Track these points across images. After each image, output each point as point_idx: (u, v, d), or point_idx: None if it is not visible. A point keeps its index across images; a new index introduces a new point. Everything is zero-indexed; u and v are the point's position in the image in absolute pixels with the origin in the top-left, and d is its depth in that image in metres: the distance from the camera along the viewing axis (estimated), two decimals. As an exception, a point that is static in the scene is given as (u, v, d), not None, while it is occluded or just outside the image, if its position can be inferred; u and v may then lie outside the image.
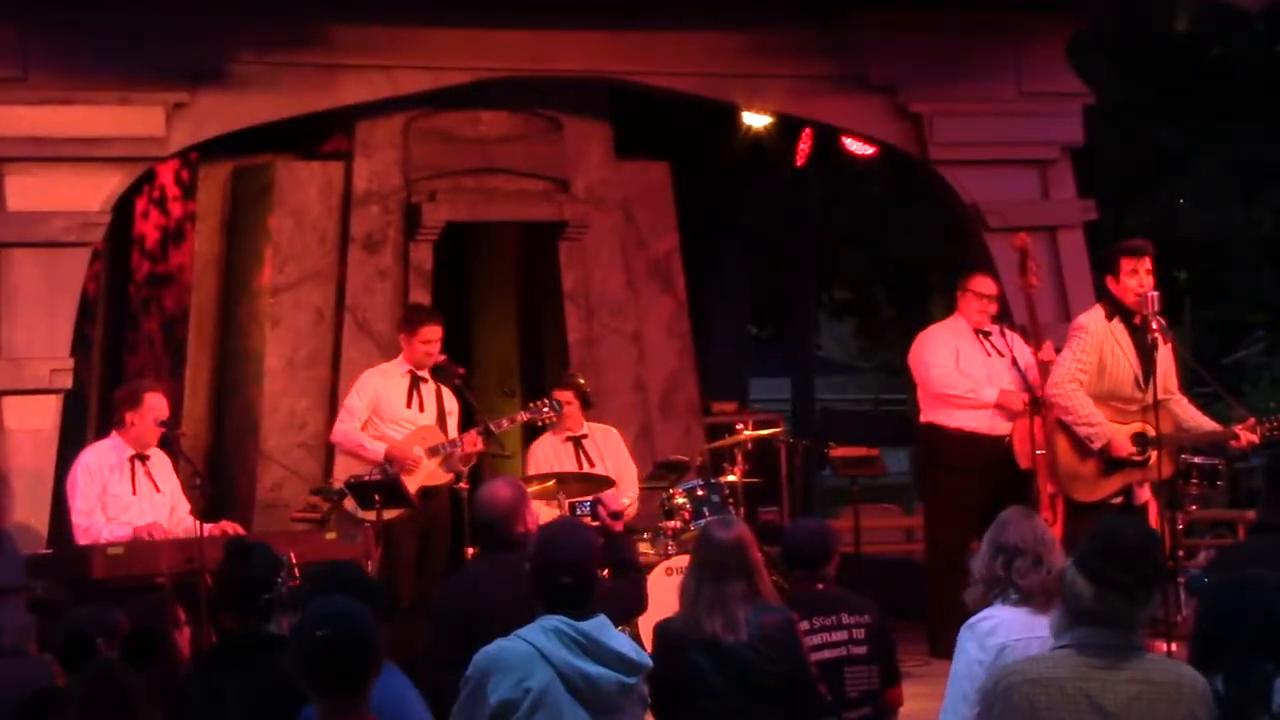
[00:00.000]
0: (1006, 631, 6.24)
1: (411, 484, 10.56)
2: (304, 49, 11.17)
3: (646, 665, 5.91)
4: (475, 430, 10.75)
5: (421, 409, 10.84)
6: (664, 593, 8.42)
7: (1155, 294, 9.80)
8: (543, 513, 10.15)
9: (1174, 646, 8.61)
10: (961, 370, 10.98)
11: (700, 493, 10.99)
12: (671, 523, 10.83)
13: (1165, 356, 9.82)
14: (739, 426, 11.99)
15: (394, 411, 10.79)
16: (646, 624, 6.99)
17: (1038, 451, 9.98)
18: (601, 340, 12.57)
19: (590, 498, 9.75)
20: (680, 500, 10.92)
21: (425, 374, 10.86)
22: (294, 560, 6.86)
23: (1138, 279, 9.82)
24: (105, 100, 10.70)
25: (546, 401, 10.98)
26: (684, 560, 9.14)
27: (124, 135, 10.73)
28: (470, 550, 10.38)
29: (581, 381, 11.37)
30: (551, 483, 10.67)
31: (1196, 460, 10.84)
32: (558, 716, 5.77)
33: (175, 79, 10.83)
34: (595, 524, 7.01)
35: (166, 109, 10.80)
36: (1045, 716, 4.68)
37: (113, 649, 6.69)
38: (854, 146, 13.07)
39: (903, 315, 20.09)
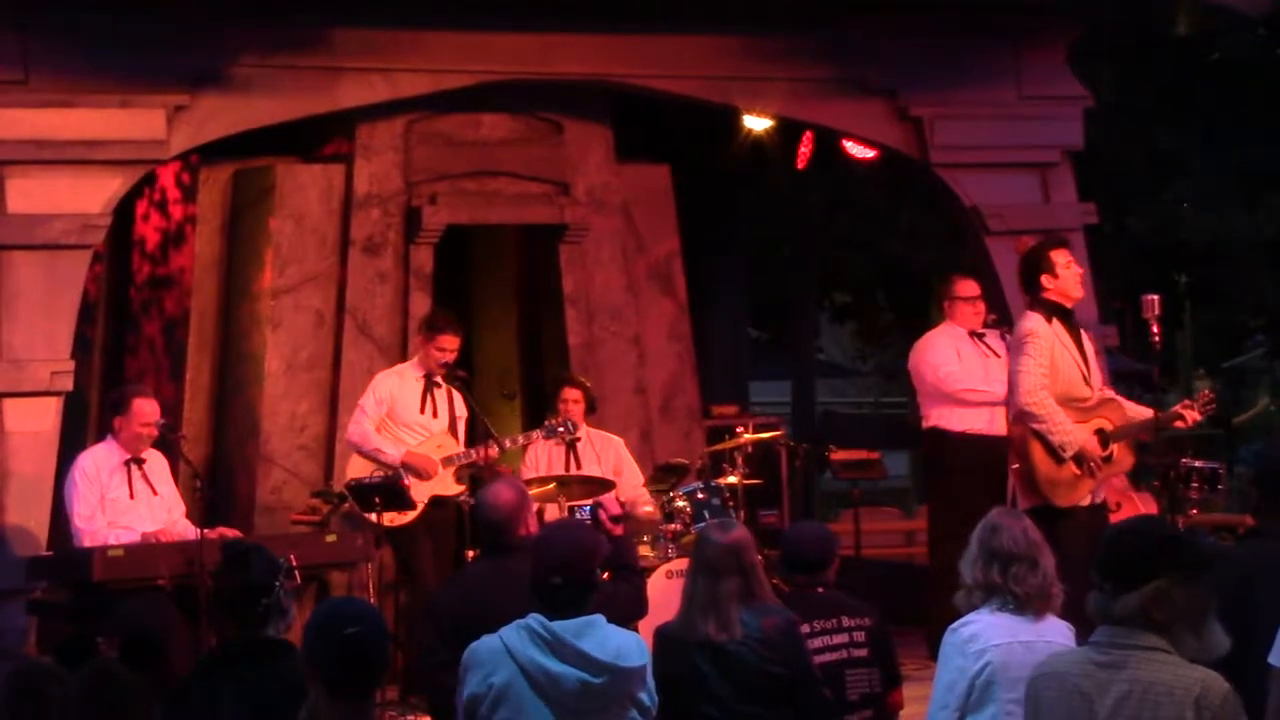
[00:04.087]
0: (988, 637, 6.25)
1: (424, 492, 10.56)
2: (305, 52, 11.17)
3: (618, 667, 5.90)
4: (486, 445, 10.70)
5: (435, 414, 10.83)
6: (664, 596, 8.42)
7: (1155, 297, 9.77)
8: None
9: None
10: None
11: (700, 496, 10.99)
12: (672, 526, 10.83)
13: (1091, 354, 9.77)
14: (739, 429, 11.98)
15: (408, 415, 10.78)
16: (647, 627, 6.98)
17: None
18: (602, 343, 12.58)
19: (590, 501, 9.74)
20: (680, 503, 10.91)
21: (439, 379, 10.85)
22: (294, 563, 6.86)
23: (1073, 269, 9.73)
24: (106, 103, 10.70)
25: (562, 422, 10.94)
26: (684, 563, 9.14)
27: (125, 138, 10.73)
28: (470, 553, 10.39)
29: (588, 385, 11.37)
30: (552, 485, 10.67)
31: (1197, 464, 10.83)
32: (520, 712, 5.83)
33: (176, 82, 10.83)
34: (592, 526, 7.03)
35: (167, 112, 10.80)
36: (1047, 710, 4.70)
37: (114, 649, 6.70)
38: (854, 150, 13.07)
39: (903, 319, 20.11)
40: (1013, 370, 9.77)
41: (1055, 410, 9.50)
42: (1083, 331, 9.78)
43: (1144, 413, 9.80)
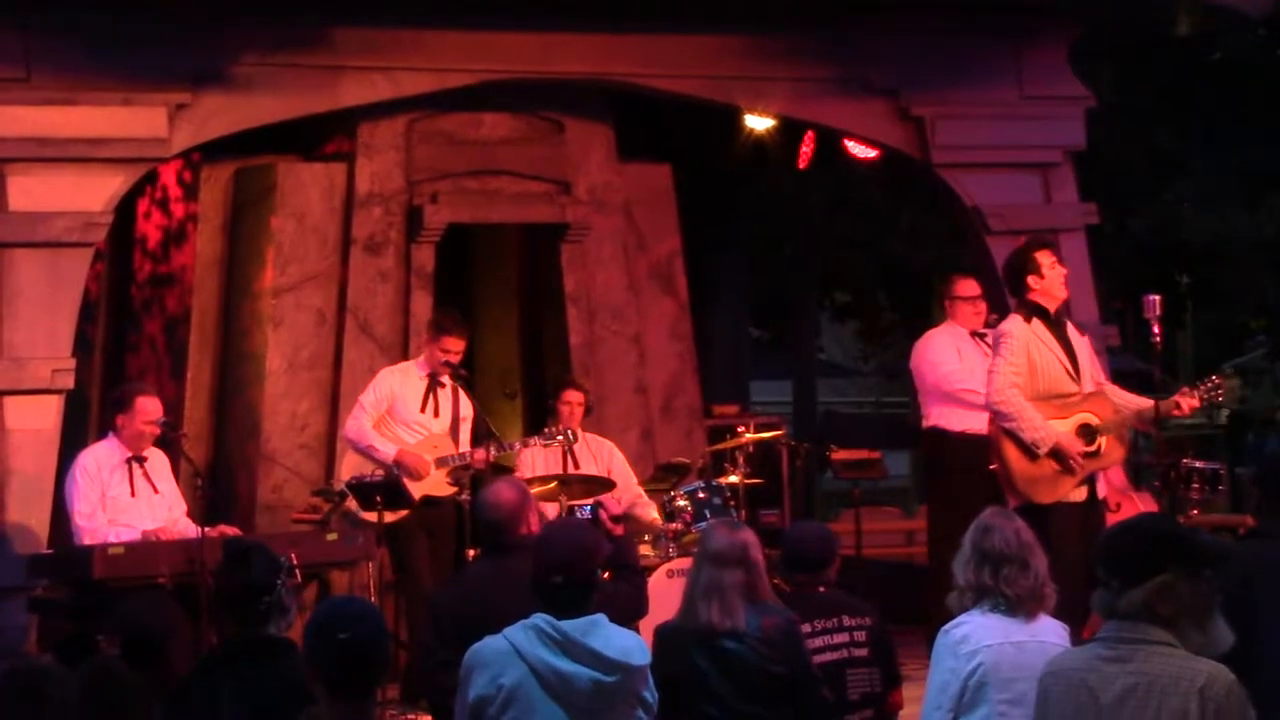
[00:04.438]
0: (979, 638, 6.25)
1: (415, 492, 10.54)
2: (306, 50, 11.18)
3: (629, 666, 5.90)
4: (484, 448, 10.68)
5: (436, 414, 10.82)
6: (665, 596, 8.41)
7: (1157, 298, 9.76)
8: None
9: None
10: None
11: (702, 495, 10.99)
12: (673, 525, 10.83)
13: (1084, 349, 9.74)
14: (740, 429, 11.98)
15: (408, 413, 10.77)
16: (647, 627, 6.98)
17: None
18: (603, 342, 12.58)
19: (590, 501, 9.74)
20: (682, 503, 10.92)
21: (444, 379, 10.84)
22: (295, 561, 6.86)
23: (1058, 270, 9.72)
24: (108, 101, 10.70)
25: (561, 431, 10.92)
26: (685, 563, 9.14)
27: (126, 136, 10.73)
28: (471, 553, 10.39)
29: (588, 388, 11.37)
30: (553, 485, 10.67)
31: (1197, 464, 10.81)
32: (530, 713, 5.81)
33: (178, 80, 10.84)
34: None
35: (169, 110, 10.81)
36: (1054, 705, 4.72)
37: (114, 647, 6.70)
38: (856, 149, 13.08)
39: (904, 318, 20.12)
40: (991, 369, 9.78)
41: (1024, 408, 9.45)
42: (1073, 328, 9.75)
43: (1143, 403, 9.78)
